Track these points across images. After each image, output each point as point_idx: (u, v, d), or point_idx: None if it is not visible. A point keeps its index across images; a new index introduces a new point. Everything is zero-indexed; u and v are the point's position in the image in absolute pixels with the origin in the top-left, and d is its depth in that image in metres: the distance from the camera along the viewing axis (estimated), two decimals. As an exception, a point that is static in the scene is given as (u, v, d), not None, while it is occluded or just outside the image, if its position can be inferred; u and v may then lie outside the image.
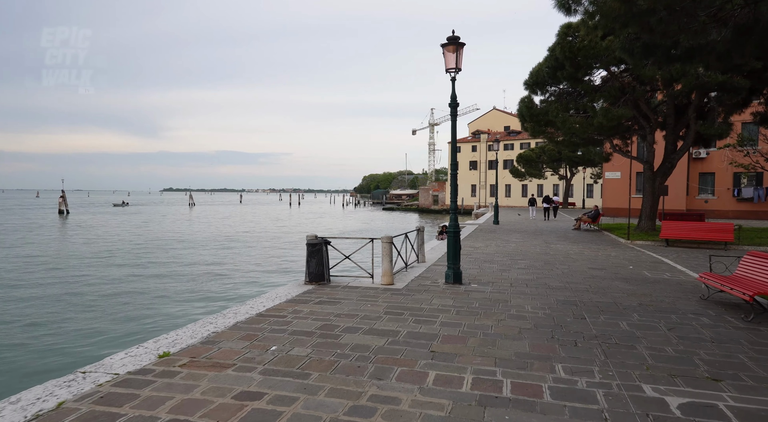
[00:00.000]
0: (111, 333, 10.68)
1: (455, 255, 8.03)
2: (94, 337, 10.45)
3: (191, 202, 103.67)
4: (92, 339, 10.31)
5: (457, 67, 7.84)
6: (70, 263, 20.58)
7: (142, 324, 11.39)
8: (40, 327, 11.20)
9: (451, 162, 8.07)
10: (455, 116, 8.00)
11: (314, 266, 7.79)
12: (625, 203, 29.46)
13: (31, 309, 12.79)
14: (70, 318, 11.96)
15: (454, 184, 8.10)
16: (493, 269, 9.72)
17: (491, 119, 76.76)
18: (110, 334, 10.63)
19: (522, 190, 64.65)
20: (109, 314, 12.31)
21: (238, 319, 5.59)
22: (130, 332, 10.73)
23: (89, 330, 10.99)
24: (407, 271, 9.26)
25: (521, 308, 6.35)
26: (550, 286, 7.96)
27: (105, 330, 10.95)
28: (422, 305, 6.43)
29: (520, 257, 11.66)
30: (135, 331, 10.77)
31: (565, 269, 9.78)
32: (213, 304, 13.30)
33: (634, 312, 6.23)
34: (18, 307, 13.03)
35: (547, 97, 18.77)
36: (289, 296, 6.83)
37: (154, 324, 11.42)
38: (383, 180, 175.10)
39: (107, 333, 10.69)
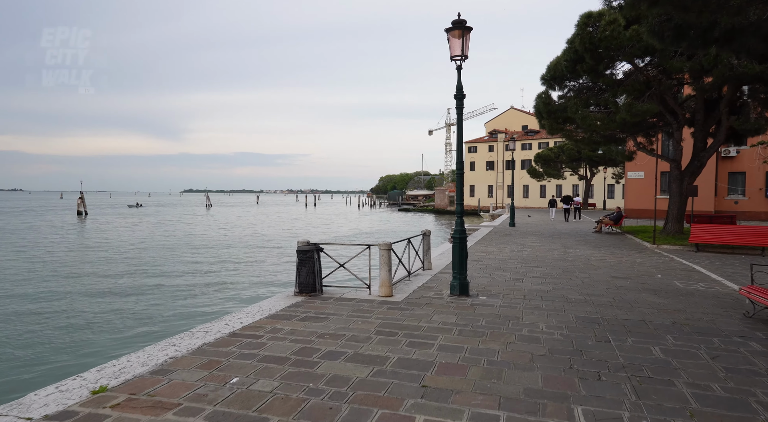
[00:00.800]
0: (82, 349, 9.72)
1: (461, 264, 7.22)
2: (62, 354, 9.53)
3: (208, 203, 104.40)
4: (57, 358, 9.31)
5: (464, 55, 7.03)
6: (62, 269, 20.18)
7: (115, 339, 10.43)
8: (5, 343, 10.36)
9: (457, 160, 7.27)
10: (461, 109, 7.19)
11: (305, 275, 7.06)
12: (649, 204, 28.15)
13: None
14: (34, 331, 11.11)
15: (460, 184, 7.29)
16: (505, 278, 8.86)
17: (509, 118, 75.33)
18: (79, 351, 9.70)
19: (540, 190, 63.16)
20: (86, 327, 11.36)
21: (206, 340, 4.89)
22: (97, 349, 9.74)
23: (62, 344, 10.12)
24: (410, 280, 8.47)
25: (534, 328, 5.51)
26: (568, 299, 7.09)
27: (79, 345, 10.00)
28: (420, 323, 5.64)
29: (535, 263, 10.76)
30: (104, 347, 9.84)
31: (586, 279, 8.87)
32: (196, 318, 12.07)
33: (667, 333, 5.34)
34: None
35: (566, 92, 17.78)
36: (272, 311, 6.10)
37: (128, 338, 10.41)
38: (400, 181, 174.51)
39: (79, 349, 9.76)
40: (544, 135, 65.43)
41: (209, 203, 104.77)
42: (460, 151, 7.28)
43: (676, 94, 17.31)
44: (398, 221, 57.04)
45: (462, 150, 7.27)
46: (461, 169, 7.28)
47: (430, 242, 9.95)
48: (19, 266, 20.06)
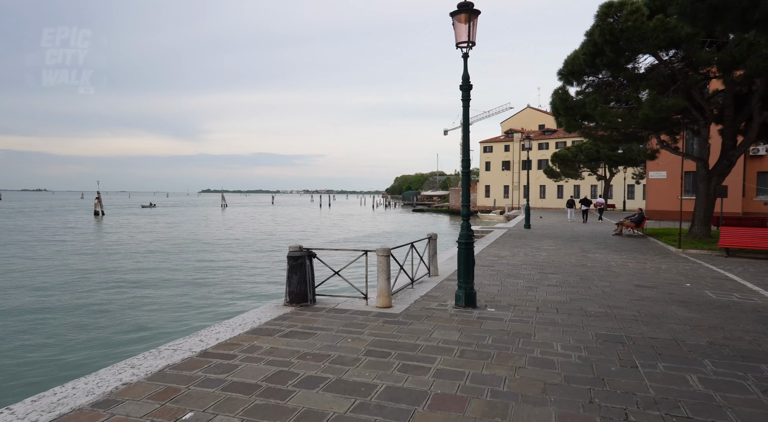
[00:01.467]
0: (60, 361, 9.24)
1: (467, 272, 6.53)
2: (38, 366, 8.97)
3: (223, 203, 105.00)
4: (30, 372, 8.75)
5: (471, 41, 6.35)
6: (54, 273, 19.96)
7: (95, 351, 9.83)
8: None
9: (462, 158, 6.59)
10: (468, 101, 6.51)
11: (296, 284, 6.46)
12: (671, 206, 27.00)
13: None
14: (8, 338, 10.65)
15: (467, 183, 6.61)
16: (518, 286, 8.14)
17: (525, 117, 74.05)
18: (55, 364, 9.10)
19: (557, 191, 61.82)
20: (63, 336, 10.83)
21: (172, 360, 4.31)
22: (79, 359, 9.28)
23: (40, 356, 9.55)
24: (413, 287, 7.81)
25: (548, 348, 4.82)
26: (587, 312, 6.36)
27: (58, 357, 9.45)
28: (417, 341, 4.99)
29: (551, 269, 10.00)
30: (83, 359, 9.30)
31: (606, 288, 8.10)
32: (180, 328, 11.35)
33: (704, 357, 4.60)
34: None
35: (584, 88, 16.90)
36: (255, 324, 5.51)
37: (111, 349, 9.89)
38: (415, 181, 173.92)
39: (56, 361, 9.20)
40: (561, 134, 64.07)
41: (224, 203, 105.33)
42: (467, 147, 6.60)
43: (703, 89, 16.33)
44: (411, 222, 56.33)
45: (468, 146, 6.60)
46: (467, 166, 6.60)
47: (437, 245, 9.27)
48: (13, 269, 19.92)
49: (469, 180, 6.60)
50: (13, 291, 15.33)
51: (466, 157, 6.58)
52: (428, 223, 53.61)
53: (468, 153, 6.59)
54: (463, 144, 6.58)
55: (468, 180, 6.60)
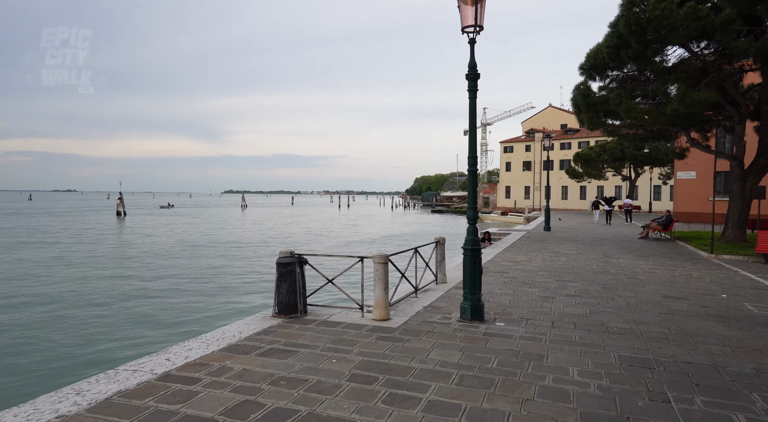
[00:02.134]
0: (32, 375, 8.70)
1: (473, 282, 5.87)
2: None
3: (243, 204, 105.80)
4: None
5: (477, 25, 5.70)
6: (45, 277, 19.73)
7: (57, 363, 9.27)
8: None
9: (469, 154, 5.94)
10: (475, 91, 5.86)
11: (285, 293, 5.90)
12: (701, 207, 25.68)
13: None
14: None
15: (473, 182, 5.95)
16: (532, 296, 7.42)
17: (547, 116, 72.48)
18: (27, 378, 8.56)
19: (580, 192, 60.23)
20: (60, 343, 10.47)
21: (127, 384, 3.78)
22: (60, 370, 8.81)
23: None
24: (417, 296, 7.18)
25: (563, 374, 4.14)
26: (609, 328, 5.63)
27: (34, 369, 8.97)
28: (412, 363, 4.36)
29: (570, 277, 9.23)
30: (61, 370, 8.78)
31: (631, 298, 7.32)
32: (161, 340, 10.57)
33: (752, 389, 3.86)
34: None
35: (608, 83, 16.01)
36: (234, 339, 4.97)
37: (91, 359, 9.40)
38: (435, 182, 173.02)
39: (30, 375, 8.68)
40: (584, 134, 62.44)
41: (244, 204, 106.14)
42: (473, 143, 5.94)
43: (738, 82, 15.26)
44: (430, 223, 55.54)
45: (474, 142, 5.93)
46: (474, 164, 5.94)
47: (445, 250, 8.61)
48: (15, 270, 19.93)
49: (475, 179, 5.95)
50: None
51: (473, 153, 5.92)
52: (446, 224, 52.75)
53: (474, 150, 5.93)
54: (470, 140, 5.93)
55: (474, 179, 5.95)
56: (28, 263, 21.21)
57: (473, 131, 5.92)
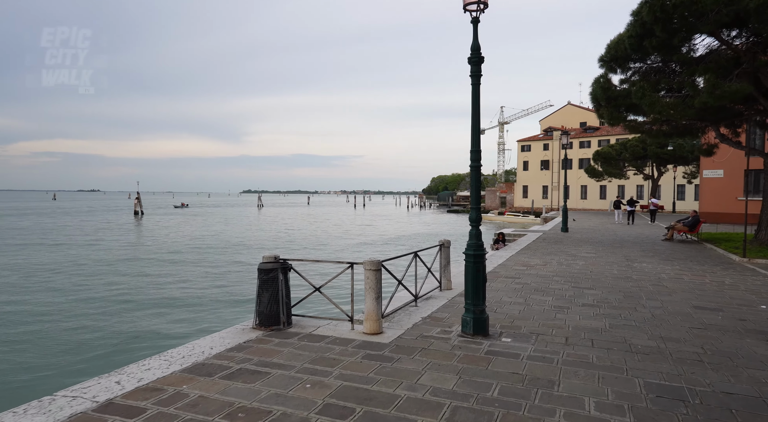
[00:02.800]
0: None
1: (476, 292, 5.21)
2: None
3: (259, 203, 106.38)
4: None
5: (481, 1, 5.03)
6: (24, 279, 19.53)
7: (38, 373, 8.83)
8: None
9: (471, 148, 5.27)
10: (478, 78, 5.19)
11: (266, 302, 5.31)
12: (729, 208, 24.44)
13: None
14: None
15: (476, 179, 5.28)
16: (545, 305, 6.71)
17: (565, 114, 70.89)
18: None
19: (600, 191, 58.70)
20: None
21: (56, 418, 3.22)
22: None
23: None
24: (417, 306, 6.54)
25: (577, 407, 3.45)
26: (632, 346, 4.91)
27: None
28: (398, 390, 3.72)
29: (588, 283, 8.46)
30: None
31: (657, 309, 6.55)
32: (135, 353, 9.53)
33: (811, 433, 3.12)
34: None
35: (630, 75, 15.06)
36: (202, 356, 4.40)
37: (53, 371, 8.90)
38: (451, 181, 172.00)
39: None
40: (604, 132, 60.88)
41: (260, 203, 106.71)
42: (476, 135, 5.27)
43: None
44: (444, 223, 54.70)
45: (478, 135, 5.26)
46: (477, 159, 5.27)
47: (450, 253, 7.93)
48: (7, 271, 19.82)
49: (479, 176, 5.28)
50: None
51: (476, 147, 5.25)
52: (460, 224, 51.84)
53: (478, 143, 5.26)
54: (473, 131, 5.26)
55: (478, 176, 5.28)
56: (17, 267, 21.15)
57: (476, 122, 5.25)
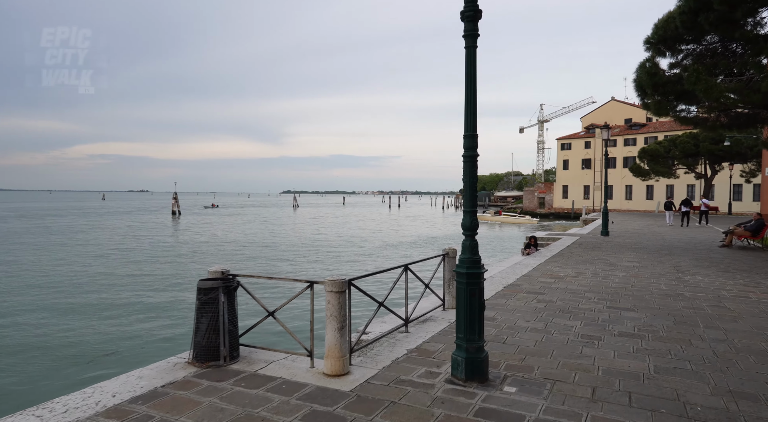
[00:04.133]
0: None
1: (471, 324, 3.93)
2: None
3: (295, 204, 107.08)
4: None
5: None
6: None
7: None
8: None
9: (465, 132, 3.98)
10: (474, 38, 3.91)
11: (204, 330, 4.22)
12: (798, 209, 21.79)
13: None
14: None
15: (471, 170, 3.99)
16: (570, 334, 5.31)
17: (609, 111, 67.31)
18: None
19: (646, 191, 55.26)
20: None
21: None
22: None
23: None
24: (408, 331, 5.29)
25: None
26: (688, 408, 3.49)
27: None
28: (325, 485, 2.51)
29: (628, 302, 6.95)
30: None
31: (720, 343, 5.04)
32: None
33: None
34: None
35: (681, 58, 13.25)
36: (86, 412, 3.33)
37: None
38: (489, 181, 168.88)
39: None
40: (651, 128, 57.37)
41: (296, 204, 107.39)
42: (471, 114, 3.98)
43: None
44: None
45: (473, 115, 3.97)
46: (472, 145, 3.98)
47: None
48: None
49: (474, 169, 3.98)
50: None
51: (471, 130, 3.96)
52: (494, 226, 49.81)
53: (473, 126, 3.97)
54: (467, 111, 3.97)
55: (473, 169, 3.98)
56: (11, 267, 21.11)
57: (472, 97, 3.97)
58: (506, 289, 7.82)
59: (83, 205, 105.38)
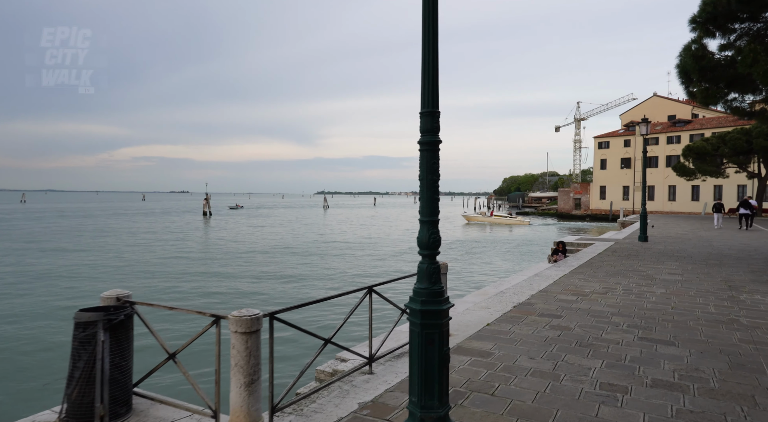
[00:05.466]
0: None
1: (427, 383, 2.73)
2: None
3: (325, 205, 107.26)
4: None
5: None
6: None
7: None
8: None
9: (422, 108, 2.80)
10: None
11: (77, 379, 3.19)
12: None
13: None
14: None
15: (431, 163, 2.80)
16: (585, 382, 3.99)
17: (650, 107, 63.72)
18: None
19: (692, 192, 51.78)
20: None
21: None
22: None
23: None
24: (373, 372, 4.13)
25: None
26: None
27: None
28: None
29: (666, 331, 5.54)
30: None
31: (797, 403, 3.64)
32: None
33: None
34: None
35: (734, 39, 11.50)
36: None
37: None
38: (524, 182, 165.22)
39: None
40: (697, 125, 53.85)
41: (326, 204, 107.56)
42: (433, 80, 2.79)
43: None
44: (506, 227, 50.62)
45: (436, 84, 2.78)
46: (434, 129, 2.79)
47: (447, 281, 5.41)
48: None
49: (435, 160, 2.79)
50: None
51: (431, 106, 2.77)
52: (526, 229, 47.68)
53: (434, 100, 2.78)
54: (424, 75, 2.78)
55: (432, 158, 2.79)
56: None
57: (430, 54, 2.78)
58: (515, 309, 6.52)
59: (123, 205, 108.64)
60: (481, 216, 56.80)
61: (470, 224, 53.67)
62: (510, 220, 53.80)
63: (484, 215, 57.50)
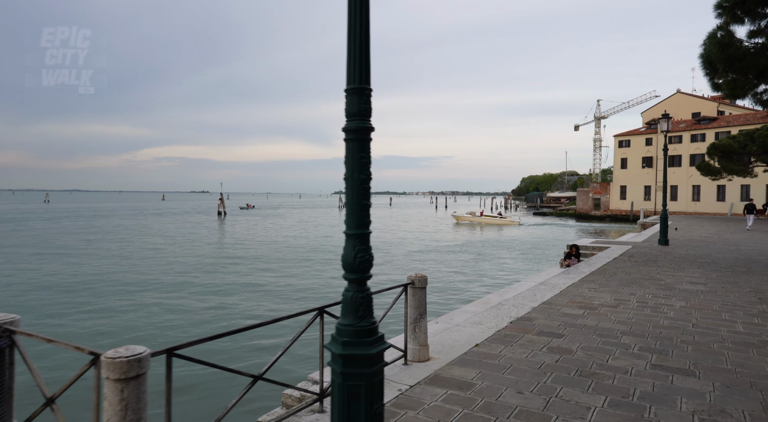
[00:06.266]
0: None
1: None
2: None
3: (340, 205, 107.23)
4: None
5: None
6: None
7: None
8: None
9: (348, 84, 2.12)
10: None
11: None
12: None
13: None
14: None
15: (358, 155, 2.12)
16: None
17: (674, 104, 61.67)
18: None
19: (717, 192, 49.83)
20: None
21: None
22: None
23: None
24: (324, 411, 3.44)
25: None
26: None
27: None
28: None
29: (685, 357, 4.73)
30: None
31: None
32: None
33: None
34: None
35: (765, 26, 10.50)
36: None
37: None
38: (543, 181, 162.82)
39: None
40: (723, 122, 51.84)
41: (341, 204, 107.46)
42: (361, 56, 2.10)
43: None
44: (522, 229, 49.38)
45: (367, 63, 2.10)
46: (364, 113, 2.10)
47: (424, 301, 4.69)
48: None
49: (363, 151, 2.11)
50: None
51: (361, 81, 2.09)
52: (546, 231, 46.42)
53: (363, 74, 2.09)
54: (350, 45, 2.10)
55: (361, 151, 2.11)
56: None
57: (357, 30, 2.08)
58: (511, 326, 5.77)
59: (143, 205, 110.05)
60: (471, 216, 55.74)
61: (460, 224, 52.83)
62: (499, 220, 52.73)
63: (474, 215, 56.37)
